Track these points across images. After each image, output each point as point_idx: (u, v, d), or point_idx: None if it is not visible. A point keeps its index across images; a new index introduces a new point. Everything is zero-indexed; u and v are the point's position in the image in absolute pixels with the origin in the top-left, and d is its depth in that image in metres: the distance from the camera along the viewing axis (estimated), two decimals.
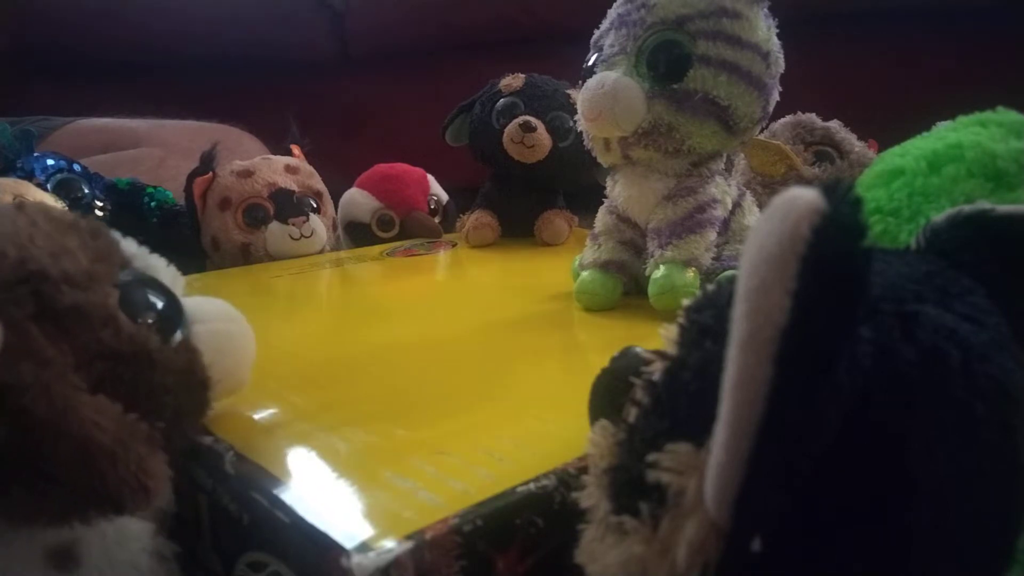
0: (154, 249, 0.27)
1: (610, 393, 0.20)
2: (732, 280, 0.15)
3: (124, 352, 0.21)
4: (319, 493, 0.23)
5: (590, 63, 0.43)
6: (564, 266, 0.50)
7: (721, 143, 0.41)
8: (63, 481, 0.19)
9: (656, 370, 0.18)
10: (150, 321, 0.22)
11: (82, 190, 0.62)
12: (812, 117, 0.60)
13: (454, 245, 0.67)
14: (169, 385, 0.22)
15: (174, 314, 0.24)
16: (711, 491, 0.14)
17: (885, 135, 0.46)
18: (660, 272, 0.40)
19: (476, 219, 0.65)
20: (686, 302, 0.18)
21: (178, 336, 0.24)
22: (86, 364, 0.20)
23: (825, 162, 0.57)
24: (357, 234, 0.72)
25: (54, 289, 0.20)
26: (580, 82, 0.43)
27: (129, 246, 0.25)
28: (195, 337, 0.25)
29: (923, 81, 1.01)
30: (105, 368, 0.20)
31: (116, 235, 0.25)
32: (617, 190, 0.45)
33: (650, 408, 0.17)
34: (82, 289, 0.20)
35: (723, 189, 0.43)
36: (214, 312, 0.26)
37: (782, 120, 0.60)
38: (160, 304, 0.24)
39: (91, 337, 0.20)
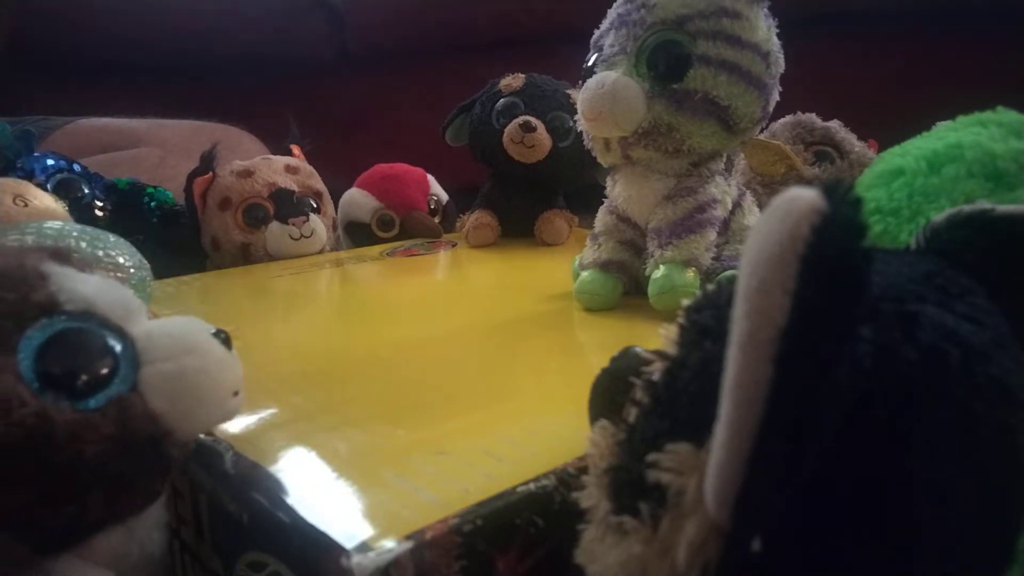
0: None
1: (610, 393, 0.20)
2: (732, 280, 0.15)
3: (15, 440, 0.18)
4: (319, 493, 0.23)
5: (590, 63, 0.43)
6: (564, 266, 0.50)
7: (721, 143, 0.41)
8: None
9: (656, 370, 0.18)
10: (64, 384, 0.20)
11: (82, 190, 0.62)
12: (812, 117, 0.60)
13: (454, 245, 0.67)
14: (88, 459, 0.20)
15: (103, 366, 0.21)
16: (711, 491, 0.14)
17: (885, 135, 0.46)
18: (660, 272, 0.40)
19: (476, 219, 0.65)
20: (686, 302, 0.18)
21: (112, 390, 0.21)
22: None
23: (825, 162, 0.57)
24: (357, 234, 0.72)
25: None
26: (580, 82, 0.43)
27: (60, 281, 0.22)
28: (142, 382, 0.22)
29: (923, 81, 1.01)
30: None
31: (50, 266, 0.22)
32: (617, 190, 0.45)
33: (650, 408, 0.17)
34: None
35: (723, 189, 0.43)
36: (167, 348, 0.23)
37: (782, 120, 0.60)
38: (82, 358, 0.21)
39: None
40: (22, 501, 0.19)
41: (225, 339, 0.25)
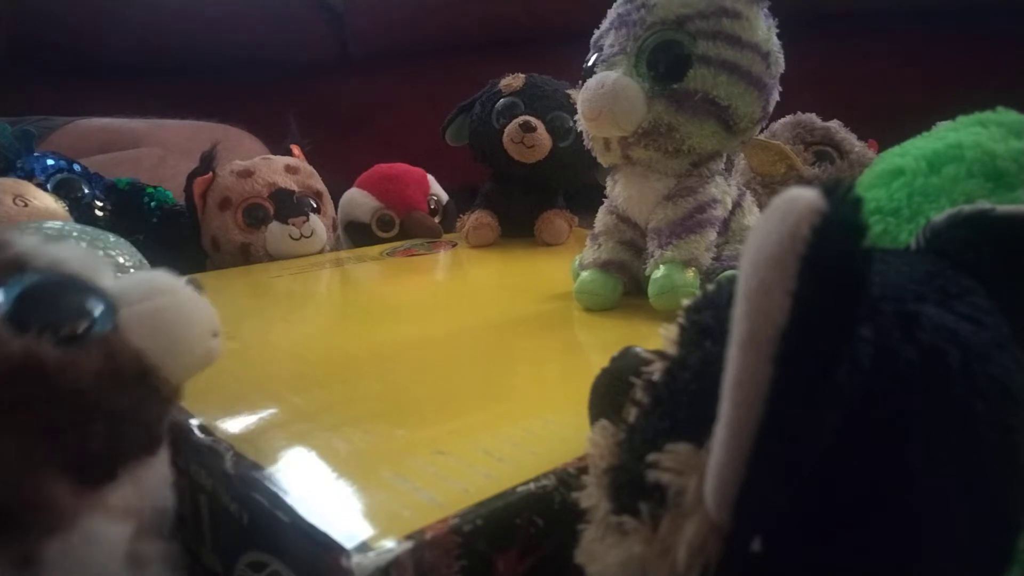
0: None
1: (610, 393, 0.20)
2: (732, 280, 0.15)
3: (5, 372, 0.19)
4: (319, 493, 0.23)
5: (590, 63, 0.43)
6: (564, 266, 0.50)
7: (721, 143, 0.41)
8: None
9: (656, 370, 0.18)
10: (46, 327, 0.21)
11: (82, 190, 0.62)
12: (812, 117, 0.60)
13: (454, 245, 0.67)
14: (83, 389, 0.21)
15: (81, 310, 0.22)
16: (711, 491, 0.14)
17: (885, 135, 0.46)
18: (660, 272, 0.40)
19: (476, 219, 0.65)
20: (686, 302, 0.18)
21: (95, 331, 0.22)
22: None
23: (825, 162, 0.57)
24: (357, 234, 0.72)
25: None
26: (580, 82, 0.43)
27: (26, 243, 0.23)
28: (122, 324, 0.23)
29: (923, 81, 1.01)
30: None
31: (12, 234, 0.23)
32: (617, 190, 0.45)
33: (650, 408, 0.17)
34: None
35: (723, 189, 0.43)
36: (141, 291, 0.24)
37: (782, 120, 0.60)
38: (60, 304, 0.22)
39: None
40: (23, 430, 0.20)
41: (197, 285, 0.26)
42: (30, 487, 0.19)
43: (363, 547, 0.20)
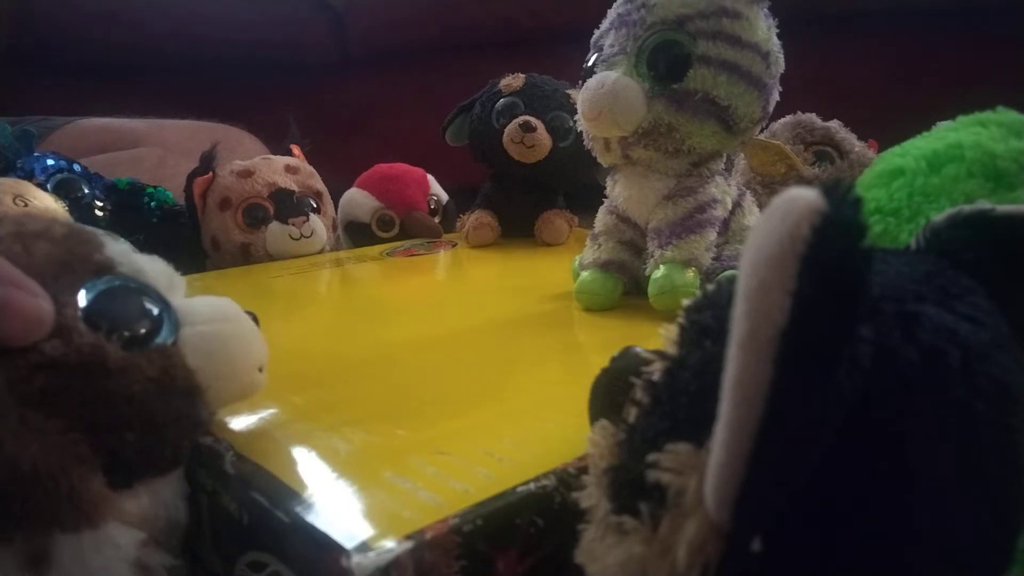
0: (154, 249, 0.26)
1: (610, 393, 0.20)
2: (732, 280, 0.15)
3: (71, 363, 0.20)
4: (319, 493, 0.23)
5: (590, 63, 0.43)
6: (564, 266, 0.50)
7: (721, 143, 0.41)
8: None
9: (656, 370, 0.18)
10: (115, 329, 0.22)
11: (82, 190, 0.62)
12: (812, 117, 0.60)
13: (454, 245, 0.67)
14: (134, 394, 0.22)
15: (149, 320, 0.23)
16: (711, 491, 0.14)
17: (885, 135, 0.46)
18: (660, 272, 0.40)
19: (476, 219, 0.65)
20: (686, 302, 0.18)
21: (156, 342, 0.23)
22: (24, 378, 0.20)
23: (825, 162, 0.57)
24: (357, 234, 0.72)
25: None
26: (580, 82, 0.43)
27: (115, 249, 0.24)
28: (182, 341, 0.24)
29: (923, 81, 1.01)
30: (47, 380, 0.20)
31: (106, 238, 0.25)
32: (617, 190, 0.45)
33: (650, 408, 0.17)
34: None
35: (723, 189, 0.43)
36: (206, 313, 0.26)
37: (782, 120, 0.60)
38: (132, 310, 0.23)
39: (31, 348, 0.20)
40: (70, 422, 0.20)
41: (255, 319, 0.28)
42: (68, 480, 0.20)
43: (363, 547, 0.20)
